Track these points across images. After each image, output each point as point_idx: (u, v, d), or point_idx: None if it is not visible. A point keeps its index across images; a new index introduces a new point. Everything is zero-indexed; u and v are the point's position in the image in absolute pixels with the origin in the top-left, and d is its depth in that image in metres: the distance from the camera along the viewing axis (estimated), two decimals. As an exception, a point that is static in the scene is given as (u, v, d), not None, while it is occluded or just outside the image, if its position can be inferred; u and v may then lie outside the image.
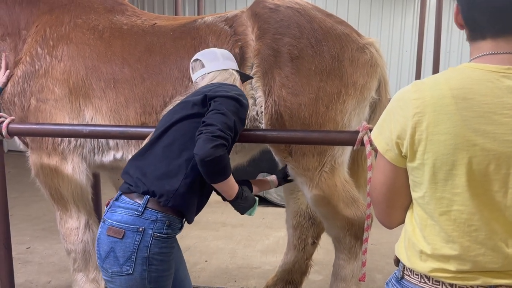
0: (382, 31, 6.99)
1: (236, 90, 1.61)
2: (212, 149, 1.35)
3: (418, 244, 1.02)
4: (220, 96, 1.51)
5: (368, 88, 2.02)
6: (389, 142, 1.01)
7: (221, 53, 1.77)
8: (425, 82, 0.99)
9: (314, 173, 2.04)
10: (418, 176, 0.99)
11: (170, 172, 1.46)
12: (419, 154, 0.96)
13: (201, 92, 1.57)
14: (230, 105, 1.50)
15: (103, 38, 2.21)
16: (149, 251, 1.40)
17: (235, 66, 1.80)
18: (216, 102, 1.49)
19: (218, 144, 1.36)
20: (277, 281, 2.63)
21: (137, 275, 1.40)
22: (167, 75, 2.08)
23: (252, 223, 4.34)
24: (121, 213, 1.43)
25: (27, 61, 2.22)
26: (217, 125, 1.40)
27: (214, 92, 1.54)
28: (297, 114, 1.98)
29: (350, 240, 2.11)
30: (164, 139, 1.52)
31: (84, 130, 1.91)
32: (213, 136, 1.36)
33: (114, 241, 1.41)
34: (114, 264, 1.41)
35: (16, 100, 2.21)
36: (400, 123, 0.99)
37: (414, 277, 1.03)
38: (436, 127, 0.93)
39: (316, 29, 1.97)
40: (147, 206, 1.43)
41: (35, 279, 3.14)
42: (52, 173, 2.20)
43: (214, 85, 1.62)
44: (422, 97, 0.96)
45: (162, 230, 1.43)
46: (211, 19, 2.15)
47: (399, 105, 1.00)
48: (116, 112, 2.13)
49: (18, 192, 5.22)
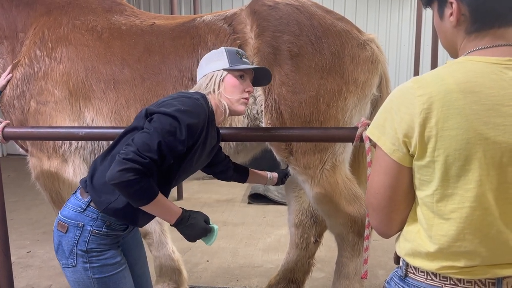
0: (380, 25, 6.97)
1: (185, 104, 1.43)
2: (119, 172, 1.29)
3: (423, 245, 1.00)
4: (158, 113, 1.41)
5: (369, 85, 2.01)
6: (395, 141, 0.98)
7: (206, 58, 1.63)
8: (427, 78, 0.96)
9: (316, 171, 2.04)
10: (427, 174, 0.97)
11: (108, 186, 1.44)
12: (429, 152, 0.94)
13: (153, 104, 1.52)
14: (164, 124, 1.37)
15: (102, 38, 2.20)
16: (87, 246, 1.46)
17: (221, 65, 1.59)
18: (152, 120, 1.41)
19: (127, 168, 1.29)
20: (280, 280, 2.62)
21: (80, 267, 1.47)
22: (166, 75, 2.07)
23: (253, 221, 4.33)
24: (69, 208, 1.51)
25: (26, 63, 2.20)
26: (133, 147, 1.32)
27: (155, 107, 1.45)
28: (298, 113, 1.97)
29: (353, 237, 2.11)
30: (119, 147, 1.51)
31: (80, 132, 1.90)
32: (124, 159, 1.30)
33: (60, 235, 1.49)
34: (62, 256, 1.50)
35: (15, 102, 2.20)
36: (406, 121, 0.95)
37: (420, 275, 1.02)
38: (446, 123, 0.91)
39: (316, 26, 1.96)
40: (90, 204, 1.49)
41: (36, 283, 3.13)
42: (52, 176, 2.19)
43: (166, 98, 1.50)
44: (427, 93, 0.93)
45: (101, 228, 1.48)
46: (210, 18, 2.14)
47: (401, 103, 0.96)
48: (117, 113, 2.12)
49: (18, 196, 5.20)
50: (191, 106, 1.43)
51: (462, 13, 0.98)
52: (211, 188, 5.39)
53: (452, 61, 1.00)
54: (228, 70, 1.58)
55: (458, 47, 1.03)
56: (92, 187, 1.48)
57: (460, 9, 0.98)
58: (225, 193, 5.29)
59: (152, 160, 1.33)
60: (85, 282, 1.49)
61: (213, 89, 1.57)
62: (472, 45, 0.99)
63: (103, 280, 1.49)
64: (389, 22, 6.97)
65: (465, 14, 0.98)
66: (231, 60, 1.58)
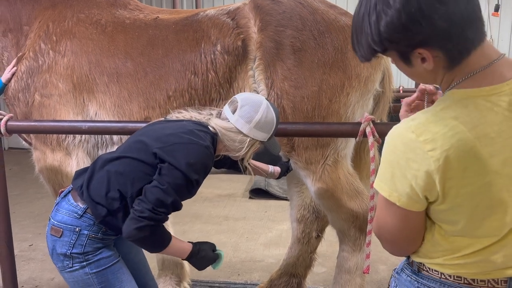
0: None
1: (195, 155, 1.45)
2: (135, 230, 1.38)
3: (435, 255, 1.00)
4: (169, 163, 1.42)
5: (372, 80, 2.01)
6: (414, 196, 0.92)
7: (259, 120, 1.54)
8: (431, 129, 0.88)
9: (317, 166, 2.04)
10: (452, 215, 0.95)
11: (106, 199, 1.48)
12: (451, 199, 0.91)
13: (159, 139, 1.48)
14: (176, 179, 1.41)
15: (106, 32, 2.20)
16: (83, 249, 1.49)
17: (263, 137, 1.58)
18: (162, 171, 1.42)
19: (142, 226, 1.38)
20: (281, 274, 2.63)
21: (76, 267, 1.50)
22: (169, 69, 2.07)
23: (255, 216, 4.34)
24: (63, 214, 1.51)
25: (30, 56, 2.21)
26: (148, 204, 1.39)
27: (165, 153, 1.43)
28: (300, 107, 1.97)
29: (355, 232, 2.11)
30: (118, 163, 1.51)
31: (83, 126, 1.90)
32: (140, 216, 1.38)
33: (54, 240, 1.50)
34: (57, 260, 1.52)
35: (20, 95, 2.21)
36: (422, 178, 0.90)
37: (434, 273, 1.01)
38: (465, 172, 0.88)
39: (319, 21, 1.95)
40: (86, 211, 1.50)
41: (38, 276, 3.15)
42: (56, 169, 2.20)
43: (176, 132, 1.49)
44: (439, 147, 0.87)
45: (98, 233, 1.51)
46: (213, 12, 2.14)
47: (410, 158, 0.90)
48: (119, 106, 2.12)
49: (20, 189, 5.21)
50: (200, 157, 1.46)
51: (435, 55, 0.91)
52: (212, 182, 5.39)
53: (445, 99, 0.93)
54: (261, 142, 1.60)
55: (439, 82, 0.97)
56: (89, 197, 1.49)
57: (433, 53, 0.90)
58: (227, 187, 5.29)
59: (166, 214, 1.43)
60: (84, 280, 1.51)
61: (238, 151, 1.58)
62: (455, 77, 0.93)
63: (101, 273, 1.51)
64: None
65: (438, 55, 0.91)
66: (271, 136, 1.61)
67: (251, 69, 2.02)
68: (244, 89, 2.06)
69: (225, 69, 2.02)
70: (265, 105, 1.56)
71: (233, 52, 2.01)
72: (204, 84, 2.04)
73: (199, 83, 2.04)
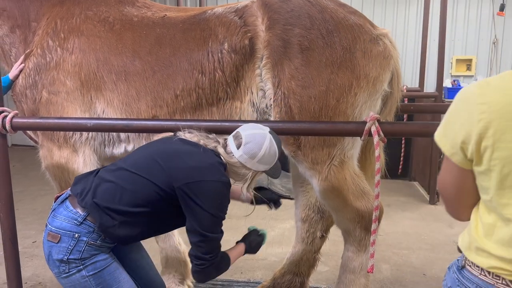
0: (386, 20, 6.91)
1: (221, 195, 1.55)
2: (205, 276, 1.58)
3: (478, 240, 1.02)
4: (198, 205, 1.50)
5: (381, 80, 1.99)
6: (454, 145, 1.00)
7: (262, 157, 1.60)
8: (491, 84, 0.96)
9: (323, 166, 2.03)
10: (485, 181, 0.98)
11: (113, 211, 1.50)
12: (486, 160, 0.95)
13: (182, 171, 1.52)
14: (205, 218, 1.52)
15: (114, 30, 2.19)
16: (81, 255, 1.49)
17: (265, 168, 1.66)
18: (192, 210, 1.50)
19: (208, 273, 1.57)
20: (285, 273, 2.63)
21: (73, 271, 1.50)
22: (177, 68, 2.06)
23: (257, 215, 4.33)
24: (61, 220, 1.51)
25: (38, 53, 2.20)
26: (204, 257, 1.53)
27: (192, 191, 1.49)
28: (307, 107, 1.96)
29: (360, 232, 2.11)
30: (131, 180, 1.53)
31: (88, 123, 1.89)
32: (202, 268, 1.54)
33: (51, 245, 1.51)
34: (53, 266, 1.52)
35: (27, 92, 2.20)
36: (465, 127, 0.96)
37: (475, 269, 1.03)
38: (503, 135, 0.91)
39: (328, 20, 1.94)
40: (86, 218, 1.50)
41: (42, 272, 3.15)
42: (62, 166, 2.19)
43: (203, 175, 1.53)
44: (488, 102, 0.93)
45: (97, 241, 1.51)
46: (221, 10, 2.12)
47: (463, 108, 0.97)
48: (127, 105, 2.12)
49: (23, 186, 5.21)
50: (225, 195, 1.57)
51: None
52: (215, 180, 5.38)
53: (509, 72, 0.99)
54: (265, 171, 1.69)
55: None
56: (95, 205, 1.49)
57: None
58: (229, 186, 5.28)
59: (218, 247, 1.58)
60: (82, 284, 1.51)
61: (241, 181, 1.70)
62: None
63: (98, 274, 1.51)
64: (395, 17, 6.91)
65: None
66: (273, 166, 1.68)
67: (258, 67, 2.01)
68: (251, 88, 2.05)
69: (232, 68, 2.01)
70: (268, 140, 1.62)
71: (240, 51, 2.00)
72: (211, 83, 2.03)
73: (207, 82, 2.03)
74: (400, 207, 4.66)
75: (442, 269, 3.23)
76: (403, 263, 3.29)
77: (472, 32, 6.73)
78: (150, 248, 1.89)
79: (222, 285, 2.92)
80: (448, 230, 4.03)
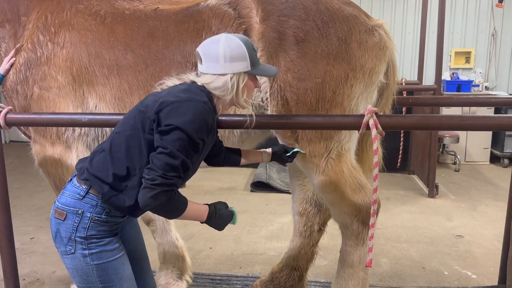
0: (385, 12, 6.86)
1: (195, 111, 1.42)
2: (150, 199, 1.37)
3: None
4: (168, 124, 1.40)
5: (377, 71, 1.97)
6: None
7: (224, 53, 1.50)
8: None
9: (321, 159, 2.01)
10: None
11: (111, 177, 1.47)
12: None
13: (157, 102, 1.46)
14: (180, 140, 1.39)
15: (105, 23, 2.16)
16: (86, 232, 1.47)
17: (243, 66, 1.53)
18: (163, 133, 1.40)
19: (156, 193, 1.36)
20: (283, 267, 2.62)
21: (78, 254, 1.48)
22: (170, 61, 2.04)
23: (256, 209, 4.33)
24: (66, 196, 1.51)
25: (28, 48, 2.17)
26: (157, 171, 1.37)
27: (163, 114, 1.41)
28: (303, 100, 1.94)
29: (358, 226, 2.09)
30: (117, 142, 1.50)
31: (83, 119, 1.88)
32: (153, 184, 1.37)
33: (58, 223, 1.50)
34: (60, 244, 1.50)
35: (18, 88, 2.18)
36: None
37: None
38: None
39: (323, 11, 1.91)
40: (89, 191, 1.49)
41: (40, 269, 3.14)
42: (56, 162, 2.18)
43: (173, 91, 1.48)
44: None
45: (101, 215, 1.49)
46: (215, 2, 2.09)
47: None
48: (120, 99, 2.09)
49: (21, 182, 5.21)
50: (199, 113, 1.43)
51: None
52: (213, 176, 5.38)
53: None
54: (249, 73, 1.54)
55: None
56: (91, 174, 1.48)
57: None
58: (228, 181, 5.28)
59: (178, 178, 1.40)
60: (84, 269, 1.49)
61: (230, 93, 1.54)
62: None
63: (102, 266, 1.50)
64: (394, 8, 6.86)
65: None
66: (252, 62, 1.54)
67: None
68: None
69: None
70: (223, 38, 1.52)
71: None
72: None
73: None
74: (399, 200, 4.66)
75: (441, 262, 3.23)
76: (402, 256, 3.29)
77: (471, 24, 6.68)
78: (148, 244, 1.88)
79: (221, 279, 2.92)
80: (447, 223, 4.02)
